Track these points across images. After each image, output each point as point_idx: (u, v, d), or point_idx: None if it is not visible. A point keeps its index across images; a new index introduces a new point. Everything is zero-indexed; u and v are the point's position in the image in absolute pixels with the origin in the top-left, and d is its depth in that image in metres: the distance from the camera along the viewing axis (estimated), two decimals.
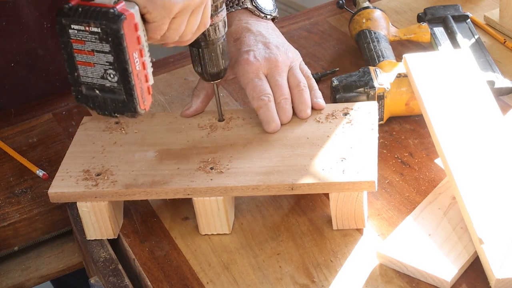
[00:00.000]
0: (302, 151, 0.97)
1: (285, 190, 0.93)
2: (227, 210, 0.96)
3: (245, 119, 1.05)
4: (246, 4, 1.08)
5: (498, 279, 0.83)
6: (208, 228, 0.97)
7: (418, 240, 0.90)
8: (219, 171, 0.96)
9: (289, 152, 0.97)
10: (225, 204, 0.95)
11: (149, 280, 0.93)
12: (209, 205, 0.95)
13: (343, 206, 0.93)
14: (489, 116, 1.01)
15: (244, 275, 0.92)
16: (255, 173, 0.95)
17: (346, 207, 0.93)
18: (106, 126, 1.07)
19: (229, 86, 1.27)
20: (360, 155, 0.95)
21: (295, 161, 0.96)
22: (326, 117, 1.03)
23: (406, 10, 1.43)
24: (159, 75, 1.32)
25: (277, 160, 0.96)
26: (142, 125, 1.07)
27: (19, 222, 1.06)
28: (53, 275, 1.09)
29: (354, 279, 0.89)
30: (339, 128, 1.00)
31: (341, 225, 0.95)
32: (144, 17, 0.86)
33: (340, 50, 1.34)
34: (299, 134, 1.00)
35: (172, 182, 0.95)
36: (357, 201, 0.93)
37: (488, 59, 1.19)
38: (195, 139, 1.03)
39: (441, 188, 0.98)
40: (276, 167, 0.95)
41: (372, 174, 0.92)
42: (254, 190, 0.94)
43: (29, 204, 1.08)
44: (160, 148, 1.02)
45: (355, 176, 0.92)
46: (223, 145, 1.01)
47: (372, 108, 1.03)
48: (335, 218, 0.95)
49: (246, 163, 0.97)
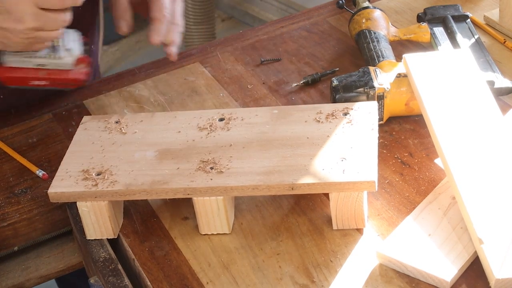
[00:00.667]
0: (302, 151, 0.97)
1: (285, 190, 0.93)
2: (227, 210, 0.96)
3: (244, 119, 1.05)
4: None
5: (498, 279, 0.83)
6: (208, 228, 0.97)
7: (418, 240, 0.90)
8: (219, 171, 0.96)
9: (289, 152, 0.98)
10: (225, 204, 0.95)
11: (149, 280, 0.93)
12: (209, 205, 0.95)
13: (343, 206, 0.93)
14: (489, 116, 1.01)
15: (244, 275, 0.92)
16: (255, 173, 0.95)
17: (346, 207, 0.93)
18: (105, 126, 1.07)
19: (229, 86, 1.27)
20: (360, 155, 0.95)
21: (295, 161, 0.96)
22: (326, 117, 1.03)
23: (406, 10, 1.43)
24: (159, 75, 1.32)
25: (277, 160, 0.96)
26: (142, 125, 1.07)
27: (19, 222, 1.06)
28: (53, 275, 1.09)
29: (354, 279, 0.89)
30: (339, 128, 1.00)
31: (341, 225, 0.95)
32: None
33: (340, 50, 1.34)
34: (299, 134, 1.00)
35: (172, 182, 0.95)
36: (357, 201, 0.93)
37: (488, 59, 1.19)
38: (194, 139, 1.03)
39: (441, 188, 0.98)
40: (276, 167, 0.95)
41: (372, 174, 0.92)
42: (254, 190, 0.94)
43: (29, 204, 1.08)
44: (159, 148, 1.02)
45: (355, 176, 0.92)
46: (223, 145, 1.01)
47: (372, 108, 1.03)
48: (335, 218, 0.95)
49: (246, 163, 0.97)
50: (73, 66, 1.15)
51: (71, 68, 1.15)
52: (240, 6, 3.50)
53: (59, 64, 1.14)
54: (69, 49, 1.14)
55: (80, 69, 1.16)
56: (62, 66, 1.15)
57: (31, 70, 1.14)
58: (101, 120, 1.09)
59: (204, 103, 1.24)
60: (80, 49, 1.16)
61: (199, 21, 3.08)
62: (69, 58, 1.14)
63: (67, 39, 1.15)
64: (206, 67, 1.33)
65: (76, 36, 1.17)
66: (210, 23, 3.13)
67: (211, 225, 0.97)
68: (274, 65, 1.32)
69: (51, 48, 1.13)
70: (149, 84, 1.28)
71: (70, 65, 1.15)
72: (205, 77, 1.31)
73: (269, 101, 1.21)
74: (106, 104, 1.27)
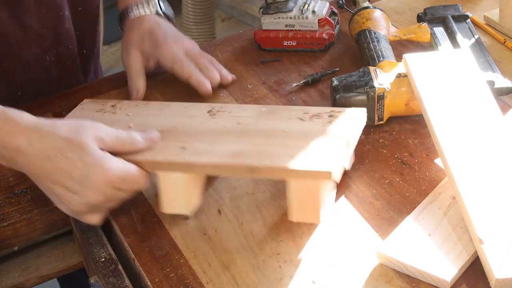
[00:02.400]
0: (275, 141, 0.98)
1: (246, 172, 0.94)
2: (190, 189, 0.97)
3: (232, 112, 1.06)
4: (156, 9, 1.25)
5: (498, 279, 0.83)
6: (168, 206, 0.99)
7: (418, 240, 0.90)
8: (188, 150, 0.97)
9: (261, 141, 0.99)
10: (188, 183, 0.96)
11: (149, 280, 0.94)
12: (170, 182, 0.96)
13: (301, 197, 0.93)
14: (489, 116, 1.01)
15: (244, 275, 0.92)
16: (221, 154, 0.96)
17: (303, 198, 0.93)
18: (100, 108, 1.11)
19: (229, 86, 1.27)
20: (327, 148, 0.95)
21: (263, 148, 0.97)
22: (310, 117, 1.03)
23: (406, 10, 1.43)
24: (159, 75, 1.32)
25: (248, 146, 0.98)
26: (135, 109, 1.10)
27: (19, 222, 1.06)
28: (53, 275, 1.09)
29: (354, 279, 0.89)
30: (319, 125, 1.00)
31: (297, 217, 0.95)
32: None
33: (340, 50, 1.34)
34: (278, 128, 1.01)
35: (139, 155, 0.97)
36: (314, 192, 0.93)
37: (488, 59, 1.19)
38: (177, 123, 1.04)
39: (441, 188, 0.98)
40: (244, 152, 0.96)
41: (330, 165, 0.91)
42: (215, 169, 0.95)
43: (29, 204, 1.08)
44: (141, 128, 1.02)
45: (313, 165, 0.92)
46: (202, 131, 1.02)
47: (359, 113, 1.03)
48: (292, 208, 0.95)
49: (216, 146, 0.98)
50: (318, 26, 1.32)
51: (316, 29, 1.32)
52: (240, 6, 3.50)
53: (305, 24, 1.32)
54: (314, 11, 1.32)
55: (324, 30, 1.32)
56: (308, 27, 1.31)
57: (282, 31, 1.33)
58: (99, 103, 1.12)
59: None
60: (325, 12, 1.32)
61: (199, 21, 3.09)
62: (314, 19, 1.31)
63: (314, 2, 1.33)
64: None
65: (323, 2, 1.35)
66: (210, 23, 3.14)
67: (172, 204, 0.98)
68: (274, 65, 1.32)
69: (299, 10, 1.32)
70: (149, 84, 1.28)
71: (316, 25, 1.31)
72: None
73: (269, 101, 1.21)
74: None
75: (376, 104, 1.10)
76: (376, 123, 1.12)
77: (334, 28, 1.33)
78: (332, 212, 0.99)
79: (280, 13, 1.32)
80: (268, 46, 1.35)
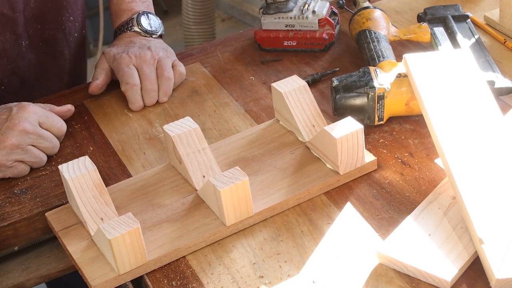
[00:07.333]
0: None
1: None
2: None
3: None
4: (133, 28, 1.31)
5: (498, 279, 0.83)
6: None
7: (418, 240, 0.90)
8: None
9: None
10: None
11: (149, 280, 0.94)
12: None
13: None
14: (489, 116, 1.01)
15: (244, 275, 0.92)
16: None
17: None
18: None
19: (229, 86, 1.27)
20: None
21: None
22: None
23: (406, 10, 1.43)
24: None
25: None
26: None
27: (19, 222, 1.06)
28: (53, 275, 1.09)
29: (354, 279, 0.89)
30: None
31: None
32: None
33: (340, 50, 1.34)
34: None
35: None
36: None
37: (488, 59, 1.19)
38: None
39: (441, 188, 0.98)
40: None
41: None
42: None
43: (29, 204, 1.08)
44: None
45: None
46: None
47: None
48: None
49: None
50: (318, 26, 1.32)
51: (316, 29, 1.32)
52: (240, 6, 3.50)
53: (305, 24, 1.32)
54: (315, 11, 1.32)
55: (325, 30, 1.32)
56: (309, 27, 1.32)
57: (282, 31, 1.33)
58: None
59: (204, 103, 1.24)
60: (325, 12, 1.32)
61: (199, 21, 3.08)
62: (315, 19, 1.31)
63: (314, 2, 1.33)
64: (206, 67, 1.33)
65: (323, 2, 1.35)
66: (210, 23, 3.13)
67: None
68: (275, 65, 1.32)
69: (299, 10, 1.32)
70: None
71: (316, 25, 1.32)
72: (205, 77, 1.31)
73: (269, 101, 1.21)
74: (106, 104, 1.27)
75: (376, 104, 1.10)
76: (376, 123, 1.12)
77: (334, 28, 1.33)
78: (332, 212, 0.99)
79: (280, 13, 1.33)
80: (268, 46, 1.35)
